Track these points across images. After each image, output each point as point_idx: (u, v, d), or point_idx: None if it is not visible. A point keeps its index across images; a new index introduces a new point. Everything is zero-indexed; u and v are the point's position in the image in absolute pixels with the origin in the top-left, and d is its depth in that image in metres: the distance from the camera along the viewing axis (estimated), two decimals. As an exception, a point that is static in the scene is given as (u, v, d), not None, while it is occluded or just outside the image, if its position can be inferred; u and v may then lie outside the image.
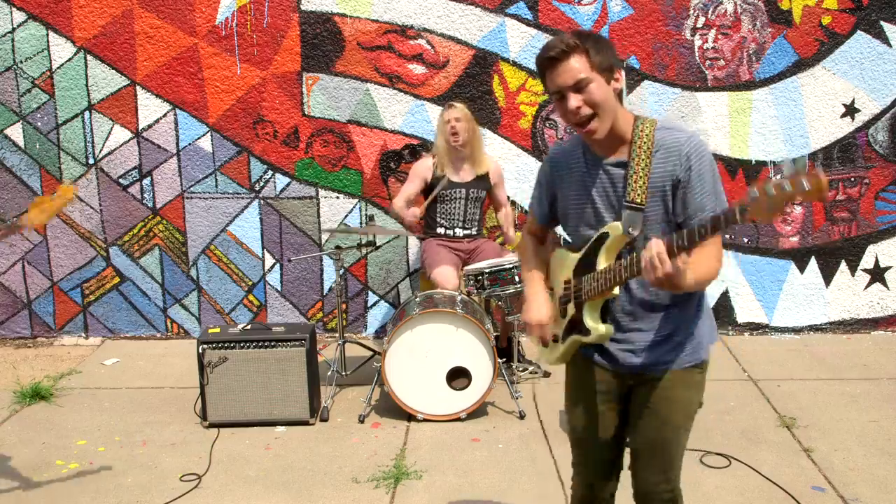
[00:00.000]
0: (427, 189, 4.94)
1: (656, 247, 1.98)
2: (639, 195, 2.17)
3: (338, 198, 5.53)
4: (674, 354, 2.30)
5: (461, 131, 4.79)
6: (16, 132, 5.49)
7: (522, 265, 2.60)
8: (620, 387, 2.39)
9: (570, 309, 2.37)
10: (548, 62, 2.15)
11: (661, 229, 2.19)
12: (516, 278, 4.45)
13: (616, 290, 2.23)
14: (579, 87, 2.12)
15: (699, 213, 2.15)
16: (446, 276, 4.65)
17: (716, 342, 2.40)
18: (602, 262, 2.24)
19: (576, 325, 2.35)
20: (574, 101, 2.12)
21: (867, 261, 5.54)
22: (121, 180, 5.55)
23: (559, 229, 2.55)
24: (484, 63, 5.36)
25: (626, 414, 2.43)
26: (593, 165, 2.28)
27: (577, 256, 2.35)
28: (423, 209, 4.91)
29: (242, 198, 5.56)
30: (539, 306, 2.42)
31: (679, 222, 2.19)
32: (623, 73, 2.18)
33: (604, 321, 2.30)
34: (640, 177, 2.16)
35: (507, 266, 4.47)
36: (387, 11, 5.31)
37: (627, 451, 2.50)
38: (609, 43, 2.21)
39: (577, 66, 2.11)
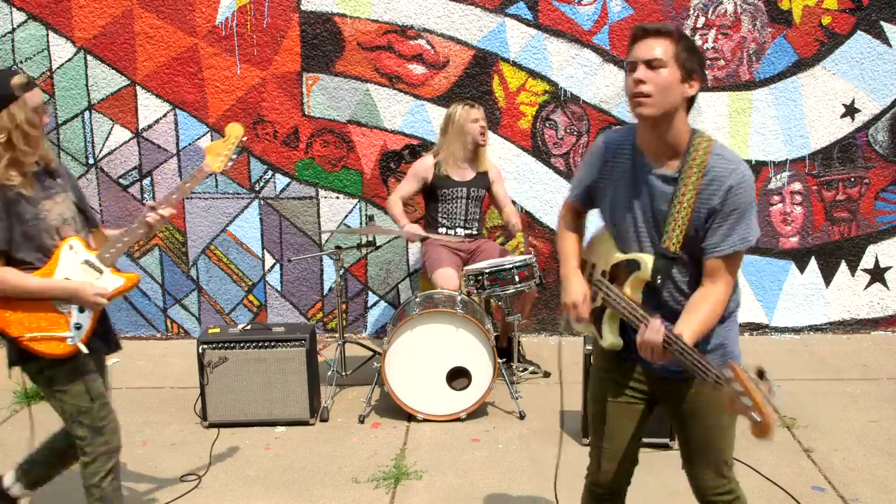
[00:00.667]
0: (427, 189, 4.93)
1: (653, 335, 2.13)
2: (674, 244, 2.24)
3: (338, 198, 5.54)
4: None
5: (485, 132, 4.84)
6: (16, 132, 5.48)
7: (558, 240, 2.63)
8: (650, 385, 2.44)
9: (599, 300, 2.44)
10: (641, 32, 2.22)
11: (688, 267, 2.28)
12: (516, 278, 4.45)
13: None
14: (652, 65, 2.18)
15: (715, 247, 2.21)
16: (447, 277, 4.65)
17: (742, 352, 2.44)
18: (627, 289, 2.32)
19: (598, 318, 2.45)
20: (641, 72, 2.18)
21: (867, 261, 5.54)
22: (121, 180, 5.55)
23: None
24: (484, 63, 5.36)
25: (649, 410, 2.50)
26: (640, 169, 2.31)
27: (617, 258, 2.39)
28: (419, 236, 4.84)
29: (242, 198, 5.57)
30: (573, 287, 2.46)
31: (703, 245, 2.24)
32: (698, 85, 2.24)
33: (624, 330, 2.37)
34: (681, 218, 2.22)
35: (507, 266, 4.47)
36: (387, 11, 5.31)
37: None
38: (703, 58, 2.27)
39: (660, 46, 2.18)
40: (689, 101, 2.26)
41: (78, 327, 2.77)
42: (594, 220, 2.57)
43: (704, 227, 2.22)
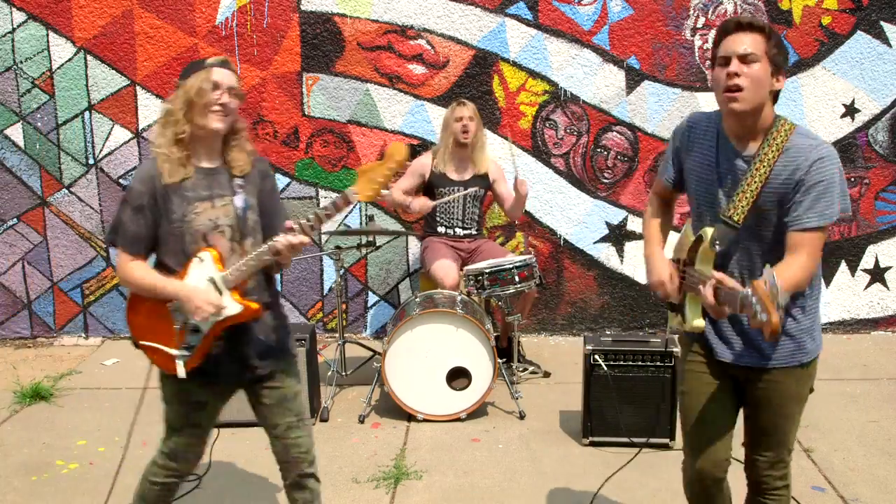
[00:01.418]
0: (424, 186, 4.94)
1: (707, 292, 2.21)
2: (738, 213, 2.29)
3: (338, 198, 5.53)
4: (782, 354, 2.40)
5: (471, 129, 4.81)
6: (16, 132, 5.49)
7: (644, 224, 2.69)
8: (731, 377, 2.51)
9: (684, 286, 2.50)
10: (733, 26, 2.25)
11: (753, 244, 2.33)
12: (516, 278, 4.45)
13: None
14: (746, 59, 2.22)
15: (797, 220, 2.24)
16: (446, 269, 4.64)
17: (821, 341, 2.49)
18: (699, 263, 2.38)
19: (679, 309, 2.52)
20: (735, 66, 2.22)
21: (867, 261, 5.54)
22: (121, 180, 5.55)
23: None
24: (484, 63, 5.36)
25: (740, 402, 2.54)
26: (725, 152, 2.36)
27: (690, 241, 2.46)
28: (430, 206, 4.87)
29: (242, 198, 5.56)
30: (658, 266, 2.52)
31: (785, 219, 2.28)
32: (784, 80, 2.31)
33: (705, 315, 2.42)
34: (750, 191, 2.27)
35: (507, 266, 4.47)
36: (387, 11, 5.31)
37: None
38: (787, 53, 2.31)
39: (757, 41, 2.22)
40: (775, 95, 2.31)
41: (187, 347, 2.57)
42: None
43: (785, 202, 2.25)
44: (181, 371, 2.56)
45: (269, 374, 2.70)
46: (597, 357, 3.94)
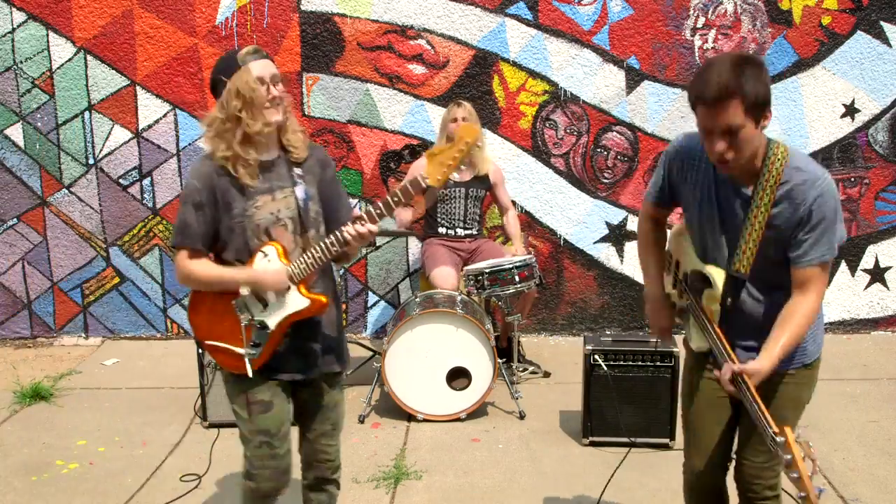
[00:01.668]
0: (424, 188, 4.94)
1: (725, 374, 2.20)
2: (744, 266, 2.26)
3: (338, 198, 5.53)
4: (785, 358, 2.33)
5: None
6: (16, 132, 5.49)
7: (640, 251, 2.64)
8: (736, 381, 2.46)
9: (686, 298, 2.50)
10: (702, 101, 2.10)
11: (759, 281, 2.30)
12: (516, 278, 4.45)
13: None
14: (729, 132, 2.09)
15: (804, 257, 2.21)
16: (445, 276, 4.65)
17: (822, 344, 2.49)
18: (705, 301, 2.38)
19: (686, 318, 2.53)
20: (720, 145, 2.11)
21: (867, 261, 5.54)
22: (121, 180, 5.55)
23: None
24: (484, 63, 5.36)
25: (738, 408, 2.49)
26: (719, 182, 2.29)
27: (697, 266, 2.43)
28: (416, 214, 4.90)
29: (242, 198, 5.56)
30: (661, 314, 2.56)
31: (789, 254, 2.25)
32: (770, 116, 2.16)
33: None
34: (752, 240, 2.22)
35: (507, 266, 4.47)
36: (387, 11, 5.31)
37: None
38: (766, 75, 2.11)
39: (732, 111, 2.06)
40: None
41: (255, 345, 2.49)
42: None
43: (785, 240, 2.21)
44: (249, 370, 2.49)
45: (317, 378, 2.63)
46: (597, 357, 3.94)
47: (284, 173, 2.51)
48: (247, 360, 2.48)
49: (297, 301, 2.47)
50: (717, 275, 2.33)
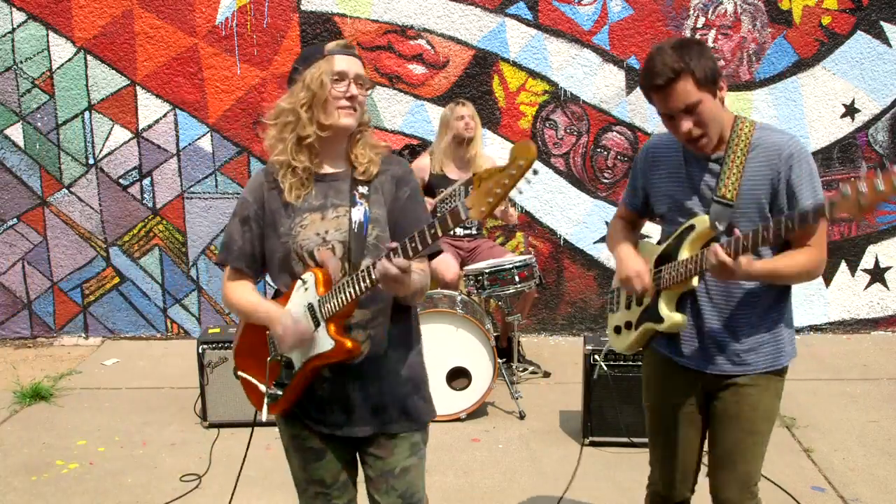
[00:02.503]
0: (425, 188, 4.94)
1: (715, 250, 2.08)
2: (729, 191, 2.20)
3: (338, 198, 5.53)
4: (758, 357, 2.29)
5: (473, 126, 4.82)
6: (16, 132, 5.49)
7: (611, 241, 2.55)
8: (702, 388, 2.36)
9: (647, 298, 2.38)
10: (655, 88, 2.13)
11: (752, 226, 2.16)
12: (516, 278, 4.45)
13: (694, 282, 2.26)
14: (689, 109, 2.12)
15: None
16: (447, 263, 4.64)
17: (795, 354, 2.38)
18: (684, 254, 2.25)
19: (650, 313, 2.36)
20: (685, 124, 2.14)
21: (867, 261, 5.54)
22: (121, 180, 5.55)
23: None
24: (484, 63, 5.36)
25: (706, 418, 2.40)
26: (692, 160, 2.28)
27: (661, 247, 2.36)
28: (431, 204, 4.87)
29: (242, 198, 5.56)
30: (632, 259, 2.38)
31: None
32: (725, 84, 2.19)
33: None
34: (734, 173, 2.19)
35: (507, 266, 4.46)
36: (387, 11, 5.31)
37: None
38: (708, 50, 2.15)
39: (685, 89, 2.10)
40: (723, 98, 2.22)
41: (280, 385, 2.17)
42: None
43: (774, 201, 2.20)
44: (265, 411, 2.19)
45: (374, 437, 2.22)
46: (597, 357, 3.93)
47: (344, 190, 2.13)
48: (266, 400, 2.18)
49: (322, 342, 2.07)
50: (699, 217, 2.25)
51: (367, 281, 1.96)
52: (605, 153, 5.46)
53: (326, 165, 2.16)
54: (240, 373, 2.31)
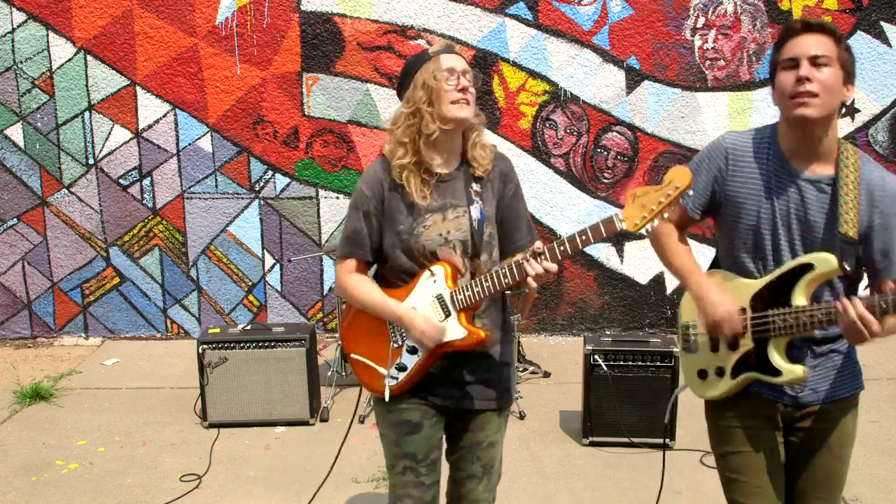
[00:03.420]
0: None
1: (856, 308, 1.91)
2: (851, 228, 2.00)
3: (338, 198, 5.53)
4: (841, 382, 2.16)
5: None
6: (16, 132, 5.49)
7: (670, 256, 2.26)
8: (785, 417, 2.19)
9: (746, 342, 2.12)
10: (802, 27, 2.01)
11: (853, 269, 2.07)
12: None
13: (816, 332, 2.08)
14: (818, 62, 1.97)
15: (889, 267, 2.06)
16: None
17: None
18: (799, 297, 2.04)
19: (753, 362, 2.12)
20: (806, 69, 1.97)
21: (867, 261, 5.53)
22: (121, 180, 5.55)
23: None
24: (484, 63, 5.36)
25: (787, 449, 2.22)
26: (783, 175, 2.07)
27: (758, 284, 2.11)
28: None
29: (242, 198, 5.57)
30: (719, 296, 2.11)
31: (875, 267, 2.08)
32: (853, 90, 2.04)
33: (791, 361, 2.10)
34: (851, 208, 2.00)
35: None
36: (387, 11, 5.31)
37: None
38: (855, 62, 2.06)
39: (827, 44, 1.98)
40: (842, 107, 2.04)
41: (401, 368, 2.27)
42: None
43: (868, 240, 2.05)
44: (387, 393, 2.28)
45: (470, 414, 2.35)
46: (597, 357, 3.93)
47: (461, 189, 2.25)
48: (387, 382, 2.28)
49: (454, 330, 2.21)
50: (819, 255, 2.03)
51: (509, 278, 2.14)
52: (605, 153, 5.46)
53: (444, 165, 2.27)
54: (353, 355, 2.40)
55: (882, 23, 5.27)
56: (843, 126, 5.37)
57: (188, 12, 5.32)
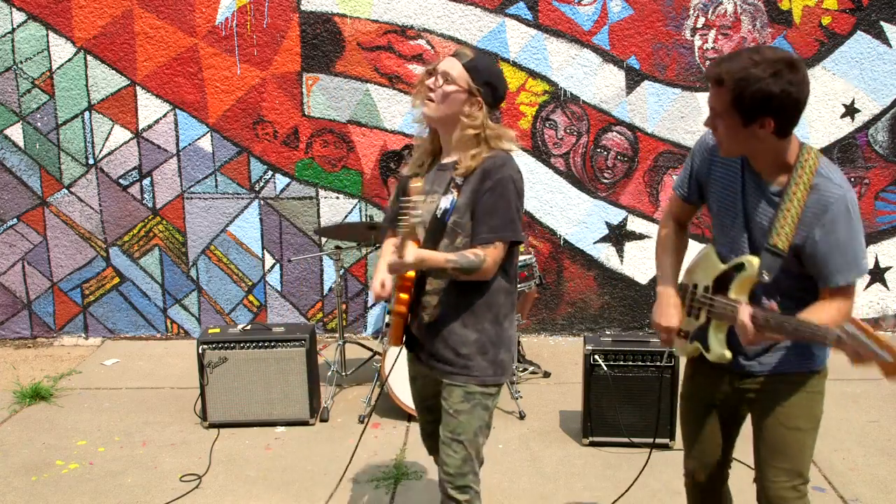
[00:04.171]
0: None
1: (743, 316, 2.14)
2: (782, 241, 2.19)
3: (338, 198, 5.54)
4: (786, 359, 2.36)
5: None
6: (16, 132, 5.49)
7: (658, 250, 2.57)
8: (743, 386, 2.43)
9: (703, 316, 2.41)
10: (709, 82, 2.19)
11: (787, 277, 2.24)
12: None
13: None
14: (714, 114, 2.17)
15: (828, 277, 2.19)
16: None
17: (827, 357, 2.47)
18: (734, 290, 2.29)
19: (703, 336, 2.41)
20: (709, 119, 2.21)
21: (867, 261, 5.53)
22: (121, 180, 5.55)
23: None
24: (484, 63, 5.35)
25: (736, 415, 2.52)
26: (752, 183, 2.27)
27: (720, 269, 2.36)
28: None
29: (242, 198, 5.56)
30: (669, 312, 2.45)
31: (815, 276, 2.23)
32: (772, 124, 2.11)
33: (730, 343, 2.33)
34: (789, 222, 2.18)
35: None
36: (387, 11, 5.31)
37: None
38: (765, 94, 2.06)
39: (718, 97, 2.13)
40: (779, 130, 2.11)
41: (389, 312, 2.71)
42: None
43: (807, 250, 2.19)
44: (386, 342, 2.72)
45: (445, 382, 2.60)
46: (597, 357, 3.94)
47: (445, 179, 2.50)
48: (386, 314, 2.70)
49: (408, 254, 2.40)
50: (752, 257, 2.27)
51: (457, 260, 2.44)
52: (605, 153, 5.46)
53: (446, 156, 2.55)
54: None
55: (882, 23, 5.27)
56: (843, 126, 5.38)
57: (188, 12, 5.31)
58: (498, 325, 2.58)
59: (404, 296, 2.58)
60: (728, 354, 2.34)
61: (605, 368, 3.92)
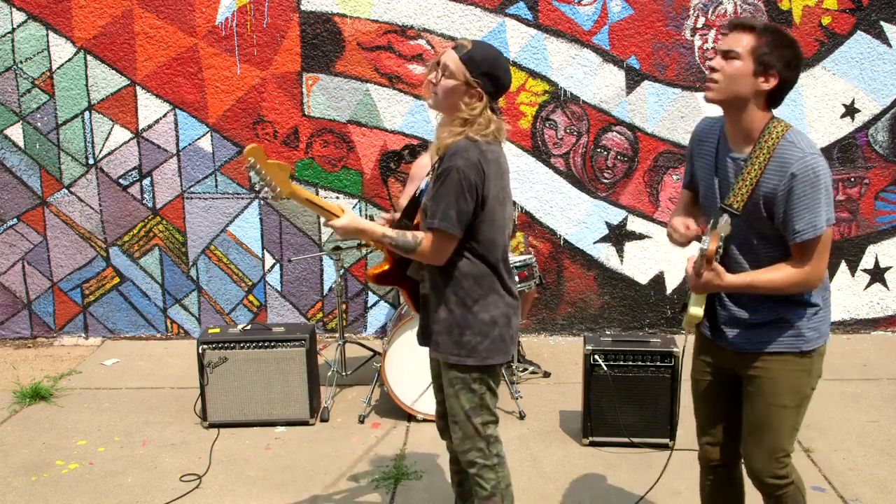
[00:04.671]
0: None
1: (688, 263, 2.38)
2: (737, 201, 2.36)
3: (338, 198, 5.53)
4: (772, 339, 2.47)
5: None
6: (16, 132, 5.49)
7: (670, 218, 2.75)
8: (728, 362, 2.57)
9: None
10: (730, 27, 2.37)
11: (755, 235, 2.40)
12: (516, 278, 4.45)
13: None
14: (727, 56, 2.33)
15: (792, 233, 2.32)
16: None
17: (826, 335, 2.63)
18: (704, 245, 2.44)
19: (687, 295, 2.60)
20: (716, 61, 2.36)
21: (867, 261, 5.54)
22: (121, 180, 5.55)
23: None
24: (484, 63, 5.35)
25: (738, 393, 2.59)
26: (722, 152, 2.46)
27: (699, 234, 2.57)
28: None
29: (242, 198, 5.56)
30: (674, 217, 2.63)
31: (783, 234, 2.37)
32: (776, 81, 2.35)
33: (712, 305, 2.53)
34: (746, 184, 2.34)
35: (507, 266, 4.46)
36: (387, 11, 5.31)
37: None
38: (792, 53, 2.34)
39: (739, 40, 2.31)
40: (769, 95, 2.35)
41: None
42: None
43: (772, 210, 2.32)
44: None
45: (439, 358, 2.74)
46: (597, 357, 3.94)
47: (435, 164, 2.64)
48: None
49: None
50: (721, 217, 2.41)
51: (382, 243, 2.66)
52: (605, 153, 5.46)
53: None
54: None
55: (882, 23, 5.27)
56: (843, 126, 5.38)
57: (188, 12, 5.31)
58: (464, 308, 2.64)
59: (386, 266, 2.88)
60: (698, 312, 2.46)
61: (605, 368, 3.92)
